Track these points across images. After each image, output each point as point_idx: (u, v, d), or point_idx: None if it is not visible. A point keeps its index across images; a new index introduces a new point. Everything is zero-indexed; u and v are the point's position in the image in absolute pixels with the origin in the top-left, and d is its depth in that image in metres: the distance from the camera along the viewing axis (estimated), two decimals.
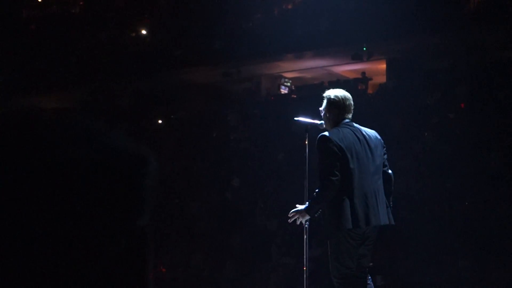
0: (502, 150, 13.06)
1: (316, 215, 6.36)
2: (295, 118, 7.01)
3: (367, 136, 6.55)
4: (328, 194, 6.23)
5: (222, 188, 15.99)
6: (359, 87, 19.40)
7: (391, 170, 6.74)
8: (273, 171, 15.71)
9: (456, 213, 12.28)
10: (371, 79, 20.31)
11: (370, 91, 19.81)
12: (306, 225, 6.62)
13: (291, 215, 6.49)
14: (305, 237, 6.62)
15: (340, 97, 6.62)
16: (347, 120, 6.58)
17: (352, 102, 6.66)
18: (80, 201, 1.08)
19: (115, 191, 1.13)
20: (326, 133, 6.42)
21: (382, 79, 19.93)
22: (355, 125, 6.60)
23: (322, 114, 6.72)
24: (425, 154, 13.83)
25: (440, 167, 13.24)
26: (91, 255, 1.08)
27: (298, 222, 6.49)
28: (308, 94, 18.81)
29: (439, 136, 14.13)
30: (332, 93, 6.69)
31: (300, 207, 6.44)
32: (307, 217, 6.41)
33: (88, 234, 1.08)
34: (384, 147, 6.67)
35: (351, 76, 21.22)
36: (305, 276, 6.79)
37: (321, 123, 6.73)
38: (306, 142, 6.88)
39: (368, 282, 6.56)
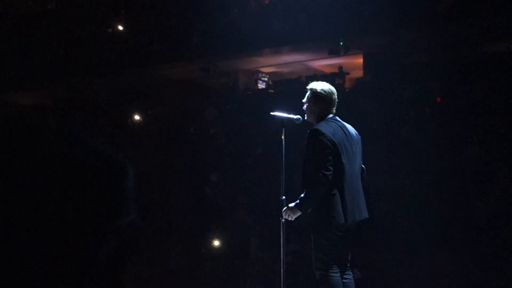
0: (478, 144, 13.15)
1: (309, 211, 6.34)
2: (271, 113, 7.02)
3: (350, 131, 6.60)
4: (321, 189, 6.23)
5: (200, 183, 15.97)
6: (337, 82, 19.43)
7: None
8: (251, 165, 15.72)
9: (432, 207, 12.35)
10: (348, 73, 20.37)
11: (347, 85, 19.86)
12: (282, 220, 6.62)
13: (283, 214, 6.47)
14: (281, 232, 6.63)
15: (327, 91, 6.65)
16: (332, 115, 6.61)
17: (336, 96, 6.71)
18: (67, 198, 1.08)
19: (100, 192, 1.14)
20: (318, 127, 6.42)
21: (359, 73, 19.99)
22: (340, 120, 6.64)
23: (305, 106, 6.71)
24: (401, 148, 13.90)
25: (417, 160, 13.31)
26: (82, 251, 1.08)
27: (290, 219, 6.47)
28: (285, 89, 18.84)
29: (415, 130, 14.20)
30: (318, 86, 6.69)
31: (290, 204, 6.43)
32: (299, 213, 6.39)
33: (77, 231, 1.08)
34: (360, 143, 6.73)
35: (329, 70, 21.26)
36: (282, 270, 6.80)
37: (298, 118, 6.74)
38: (283, 137, 6.88)
39: (349, 277, 6.59)
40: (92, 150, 1.23)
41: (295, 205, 6.36)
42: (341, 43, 19.00)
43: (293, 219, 6.48)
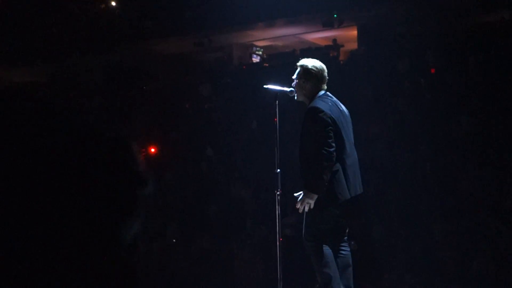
0: (473, 114, 13.16)
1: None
2: (265, 86, 7.00)
3: (342, 108, 6.62)
4: (329, 166, 6.21)
5: (196, 158, 15.97)
6: (331, 54, 19.41)
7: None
8: (246, 139, 15.71)
9: (428, 178, 12.38)
10: (342, 46, 20.32)
11: (341, 57, 19.82)
12: (278, 193, 6.62)
13: (300, 205, 6.35)
14: (277, 205, 6.61)
15: (318, 67, 6.63)
16: (324, 92, 6.59)
17: (327, 73, 6.69)
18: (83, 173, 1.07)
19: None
20: (317, 105, 6.41)
21: (354, 45, 19.94)
22: (333, 96, 6.63)
23: (295, 83, 6.69)
24: (396, 119, 13.90)
25: (412, 132, 13.31)
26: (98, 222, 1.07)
27: (307, 208, 6.35)
28: (280, 62, 18.78)
29: (410, 101, 14.19)
30: (309, 63, 6.67)
31: (300, 193, 6.33)
32: (316, 197, 6.29)
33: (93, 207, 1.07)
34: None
35: (323, 43, 21.21)
36: (277, 243, 6.82)
37: (291, 90, 6.71)
38: (276, 110, 6.86)
39: (347, 250, 6.60)
40: (89, 128, 1.21)
41: (310, 190, 6.23)
42: (335, 16, 18.93)
43: (312, 206, 6.31)
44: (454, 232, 11.26)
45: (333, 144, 6.24)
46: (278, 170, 6.67)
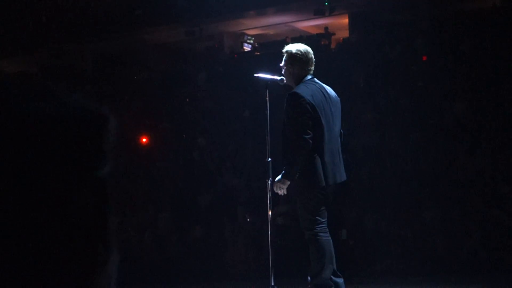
0: (465, 101, 13.16)
1: (296, 176, 6.31)
2: (255, 75, 6.97)
3: (329, 93, 6.57)
4: (303, 153, 6.21)
5: (188, 147, 15.95)
6: (322, 42, 19.38)
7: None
8: (238, 128, 15.69)
9: (420, 165, 12.39)
10: (334, 34, 20.30)
11: (333, 46, 19.81)
12: (269, 181, 6.61)
13: (276, 190, 6.42)
14: (268, 193, 6.60)
15: (302, 51, 6.59)
16: (310, 77, 6.56)
17: (313, 56, 6.64)
18: (40, 154, 1.07)
19: (76, 144, 1.13)
20: (297, 91, 6.38)
21: (345, 33, 19.92)
22: (319, 82, 6.59)
23: (283, 70, 6.68)
24: (388, 107, 13.89)
25: (403, 119, 13.31)
26: (54, 205, 1.07)
27: (281, 192, 6.42)
28: (271, 51, 18.74)
29: (402, 88, 14.18)
30: (293, 47, 6.65)
31: (277, 178, 6.39)
32: (288, 183, 6.34)
33: (48, 183, 1.07)
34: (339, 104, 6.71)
35: (314, 31, 21.19)
36: (269, 232, 6.81)
37: (281, 79, 6.69)
38: (267, 98, 6.84)
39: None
40: (74, 105, 1.20)
41: (282, 176, 6.31)
42: (326, 4, 18.91)
43: (285, 191, 6.39)
44: (446, 219, 11.27)
45: (310, 132, 6.21)
46: (269, 159, 6.66)
